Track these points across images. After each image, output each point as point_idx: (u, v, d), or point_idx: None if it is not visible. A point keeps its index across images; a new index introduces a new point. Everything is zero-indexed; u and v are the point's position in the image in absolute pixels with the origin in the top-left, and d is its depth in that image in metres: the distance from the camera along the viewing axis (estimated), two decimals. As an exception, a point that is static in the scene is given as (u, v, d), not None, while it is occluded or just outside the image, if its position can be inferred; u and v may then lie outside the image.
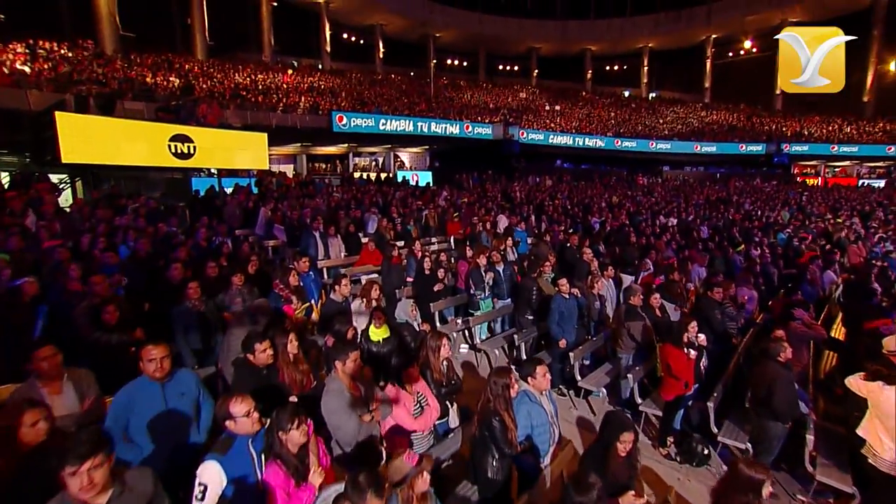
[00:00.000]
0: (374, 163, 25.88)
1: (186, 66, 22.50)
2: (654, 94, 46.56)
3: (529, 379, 3.26)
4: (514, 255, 8.36)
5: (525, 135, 26.36)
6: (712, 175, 30.70)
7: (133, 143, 10.30)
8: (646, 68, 45.76)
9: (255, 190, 15.12)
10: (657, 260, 8.28)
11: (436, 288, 6.41)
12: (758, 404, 4.16)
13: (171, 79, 19.56)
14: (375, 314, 4.15)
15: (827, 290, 8.44)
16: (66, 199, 10.92)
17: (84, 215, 8.05)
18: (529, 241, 10.42)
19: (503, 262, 6.84)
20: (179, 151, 11.25)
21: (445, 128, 23.52)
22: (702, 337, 4.54)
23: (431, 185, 22.38)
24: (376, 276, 8.16)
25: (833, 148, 31.09)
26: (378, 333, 4.01)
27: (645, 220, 14.13)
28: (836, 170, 34.37)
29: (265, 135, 13.33)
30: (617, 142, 29.45)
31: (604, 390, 5.34)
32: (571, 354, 5.23)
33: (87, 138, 9.79)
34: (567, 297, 5.55)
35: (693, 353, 4.42)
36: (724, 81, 44.37)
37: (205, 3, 27.45)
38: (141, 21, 25.92)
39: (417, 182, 21.71)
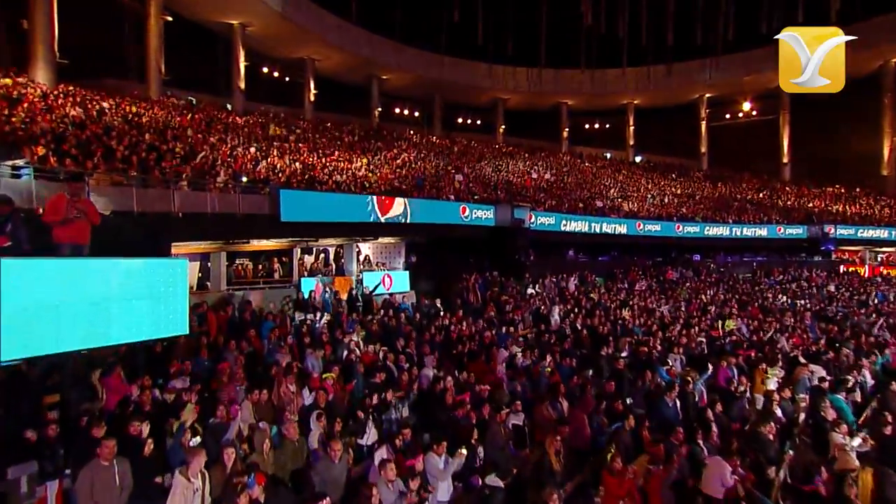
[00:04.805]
0: (322, 256, 20.54)
1: (16, 91, 16.22)
2: (640, 158, 46.44)
3: None
4: None
5: (533, 218, 22.73)
6: (748, 264, 28.98)
7: None
8: (631, 128, 45.72)
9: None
10: None
11: None
12: None
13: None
14: None
15: None
16: None
17: None
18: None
19: None
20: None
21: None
22: None
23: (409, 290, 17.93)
24: None
25: (884, 233, 30.32)
26: None
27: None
28: (881, 257, 33.52)
29: (185, 262, 7.82)
30: (639, 225, 26.87)
31: None
32: None
33: None
34: None
35: None
36: (720, 146, 45.34)
37: (55, 3, 21.34)
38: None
39: (383, 286, 17.14)
